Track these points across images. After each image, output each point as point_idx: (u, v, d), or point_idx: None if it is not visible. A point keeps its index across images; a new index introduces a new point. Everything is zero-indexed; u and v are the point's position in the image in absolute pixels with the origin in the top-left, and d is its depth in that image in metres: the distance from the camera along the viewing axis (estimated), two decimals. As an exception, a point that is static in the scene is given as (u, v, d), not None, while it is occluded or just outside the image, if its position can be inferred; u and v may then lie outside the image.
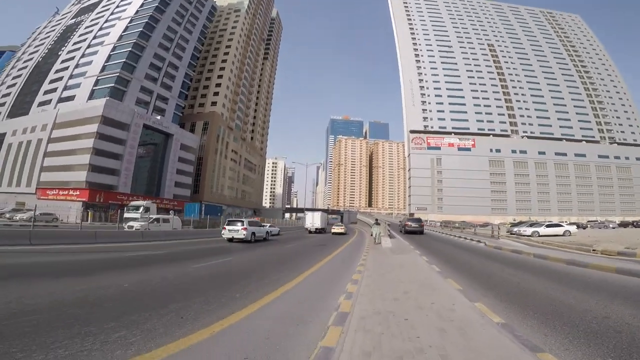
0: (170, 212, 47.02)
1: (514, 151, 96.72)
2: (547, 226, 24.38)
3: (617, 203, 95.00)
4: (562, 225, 24.67)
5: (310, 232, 38.51)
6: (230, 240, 18.80)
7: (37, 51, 68.38)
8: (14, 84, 65.10)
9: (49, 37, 69.91)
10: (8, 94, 64.62)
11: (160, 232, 20.05)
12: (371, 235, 18.56)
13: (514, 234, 24.88)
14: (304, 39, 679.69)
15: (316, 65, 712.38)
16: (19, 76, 65.69)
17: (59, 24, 71.55)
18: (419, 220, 27.46)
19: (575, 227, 26.18)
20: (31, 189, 49.79)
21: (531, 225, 25.90)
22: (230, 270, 9.34)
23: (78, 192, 44.62)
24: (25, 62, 68.37)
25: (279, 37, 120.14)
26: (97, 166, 46.39)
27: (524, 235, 23.18)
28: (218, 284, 6.99)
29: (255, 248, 16.08)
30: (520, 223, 33.57)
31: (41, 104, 56.96)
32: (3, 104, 63.96)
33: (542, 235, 23.04)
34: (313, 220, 39.69)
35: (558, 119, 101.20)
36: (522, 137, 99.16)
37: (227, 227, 19.07)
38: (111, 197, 47.22)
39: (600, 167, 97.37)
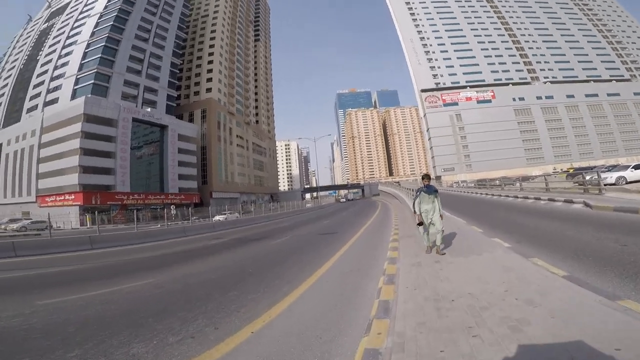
0: (172, 207, 43.42)
1: (539, 97, 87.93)
2: (635, 167, 17.90)
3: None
4: (657, 165, 17.99)
5: (348, 200, 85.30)
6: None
7: (17, 59, 65.38)
8: (3, 94, 62.73)
9: (26, 44, 66.66)
10: (0, 104, 62.20)
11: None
12: (420, 224, 6.35)
13: (582, 183, 18.59)
14: (296, 17, 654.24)
15: (313, 44, 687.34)
16: (6, 86, 63.12)
17: (33, 30, 68.23)
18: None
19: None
20: (32, 197, 48.00)
21: (609, 169, 19.49)
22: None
23: (73, 196, 41.76)
24: (9, 71, 65.57)
25: (267, 17, 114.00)
26: (88, 167, 43.17)
27: (605, 184, 17.00)
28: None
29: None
30: (586, 169, 26.89)
31: (29, 110, 54.40)
32: (-3, 116, 61.66)
33: (631, 182, 16.82)
34: (349, 195, 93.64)
35: (579, 61, 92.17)
36: (545, 82, 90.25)
37: (341, 199, 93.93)
38: (109, 197, 44.09)
39: (639, 103, 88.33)
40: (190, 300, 4.98)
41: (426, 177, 6.52)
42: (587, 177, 17.47)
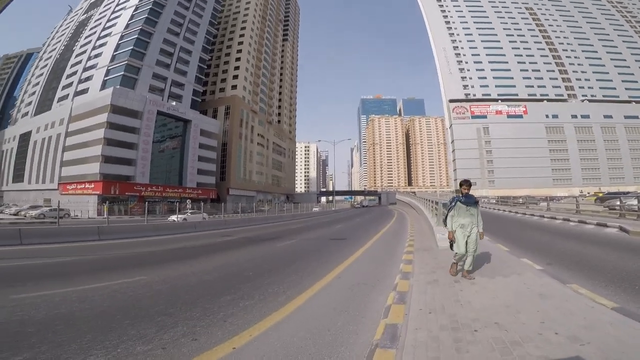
0: (188, 201, 43.63)
1: (574, 116, 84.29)
2: (677, 195, 16.42)
3: None
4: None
5: (363, 206, 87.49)
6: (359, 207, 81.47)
7: (55, 49, 68.06)
8: (38, 83, 65.40)
9: (64, 34, 69.31)
10: (34, 93, 65.02)
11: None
12: (451, 243, 5.22)
13: (614, 208, 17.18)
14: (325, 19, 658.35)
15: (341, 46, 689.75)
16: (42, 75, 65.85)
17: (72, 21, 70.72)
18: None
19: None
20: (54, 184, 49.12)
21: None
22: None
23: (93, 185, 42.57)
24: (45, 60, 68.47)
25: (296, 17, 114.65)
26: (110, 157, 43.89)
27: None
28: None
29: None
30: (617, 194, 25.17)
31: (60, 99, 56.12)
32: (30, 103, 64.39)
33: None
34: (364, 202, 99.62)
35: (622, 80, 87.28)
36: (582, 101, 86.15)
37: (357, 204, 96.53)
38: (128, 188, 44.78)
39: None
40: (176, 304, 4.48)
41: (465, 183, 5.10)
42: (618, 203, 16.19)
